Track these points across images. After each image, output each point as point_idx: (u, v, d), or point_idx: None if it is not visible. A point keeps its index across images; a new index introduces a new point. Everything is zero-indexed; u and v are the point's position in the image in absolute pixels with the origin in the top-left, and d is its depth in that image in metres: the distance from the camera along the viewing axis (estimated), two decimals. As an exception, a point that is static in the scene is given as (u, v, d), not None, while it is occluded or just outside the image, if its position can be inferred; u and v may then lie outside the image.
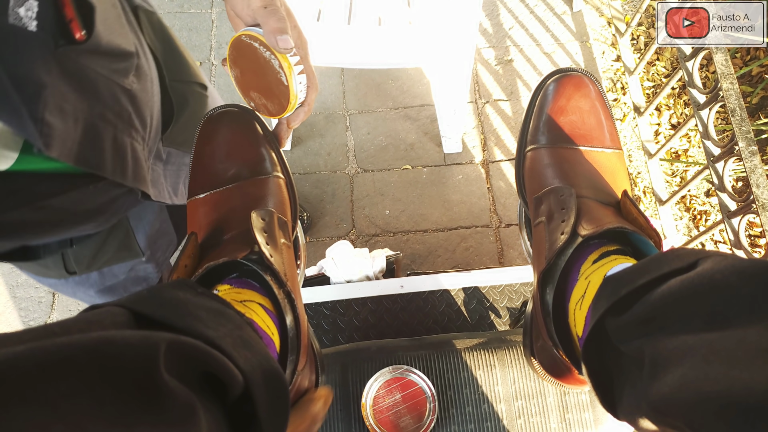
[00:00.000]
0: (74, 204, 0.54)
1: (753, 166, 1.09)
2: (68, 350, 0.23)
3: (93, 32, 0.46)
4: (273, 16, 0.48)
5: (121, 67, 0.52)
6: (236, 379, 0.31)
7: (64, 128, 0.45)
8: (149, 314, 0.31)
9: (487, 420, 0.63)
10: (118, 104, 0.52)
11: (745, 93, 1.72)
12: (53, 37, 0.42)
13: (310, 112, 0.55)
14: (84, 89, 0.47)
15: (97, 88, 0.49)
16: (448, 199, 1.70)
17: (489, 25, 1.95)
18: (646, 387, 0.32)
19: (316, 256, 1.54)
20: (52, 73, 0.43)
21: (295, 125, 0.56)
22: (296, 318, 0.45)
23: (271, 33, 0.47)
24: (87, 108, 0.48)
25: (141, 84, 0.56)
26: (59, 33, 0.43)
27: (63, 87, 0.44)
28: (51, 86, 0.42)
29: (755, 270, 0.29)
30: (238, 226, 0.49)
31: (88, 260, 0.66)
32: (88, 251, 0.65)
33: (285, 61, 0.49)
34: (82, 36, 0.45)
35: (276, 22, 0.47)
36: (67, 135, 0.45)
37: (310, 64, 0.53)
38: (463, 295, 0.82)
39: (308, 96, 0.54)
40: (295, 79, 0.50)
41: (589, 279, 0.44)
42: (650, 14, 1.93)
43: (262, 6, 0.48)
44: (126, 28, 0.55)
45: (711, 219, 1.64)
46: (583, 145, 0.53)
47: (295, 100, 0.52)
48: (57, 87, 0.43)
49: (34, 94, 0.41)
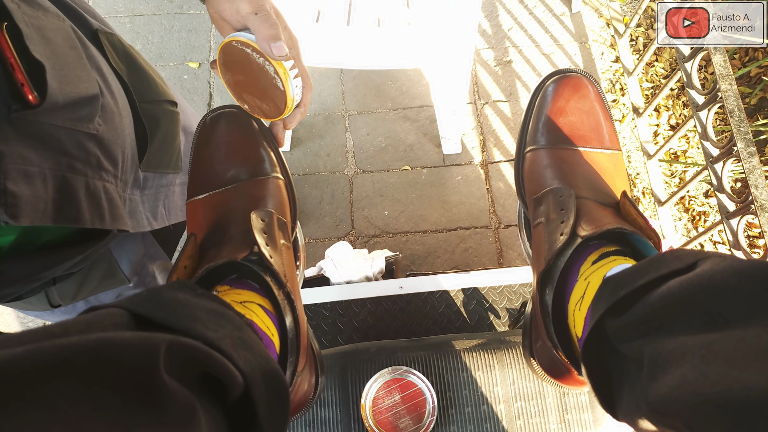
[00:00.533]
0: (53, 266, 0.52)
1: (751, 167, 1.09)
2: (68, 351, 0.23)
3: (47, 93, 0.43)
4: (265, 23, 0.47)
5: (85, 113, 0.49)
6: (236, 380, 0.31)
7: (32, 192, 0.42)
8: (149, 315, 0.31)
9: (486, 421, 0.63)
10: (84, 152, 0.49)
11: (743, 94, 1.72)
12: (5, 103, 0.40)
13: (306, 112, 0.55)
14: (47, 147, 0.44)
15: (60, 143, 0.46)
16: (448, 200, 1.70)
17: (488, 26, 1.96)
18: (645, 388, 0.32)
19: (316, 256, 1.54)
20: (9, 140, 0.40)
21: (291, 126, 0.56)
22: (296, 319, 0.45)
23: (264, 40, 0.47)
24: (53, 164, 0.45)
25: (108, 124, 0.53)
26: (12, 98, 0.41)
27: (23, 150, 0.42)
28: (9, 154, 0.40)
29: (754, 271, 0.29)
30: (238, 227, 0.49)
31: (73, 293, 0.64)
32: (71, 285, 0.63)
33: (281, 68, 0.49)
34: (35, 99, 0.42)
35: (268, 29, 0.47)
36: (37, 198, 0.43)
37: (303, 64, 0.53)
38: (463, 296, 0.82)
39: (304, 97, 0.54)
40: (291, 84, 0.50)
41: (588, 280, 0.44)
42: (649, 15, 1.94)
43: (253, 12, 0.47)
44: (87, 69, 0.51)
45: (710, 220, 1.64)
46: (582, 145, 0.53)
47: (292, 104, 0.52)
48: (16, 152, 0.41)
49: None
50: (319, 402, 0.64)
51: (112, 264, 0.66)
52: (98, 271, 0.65)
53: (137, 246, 0.70)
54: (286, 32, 0.50)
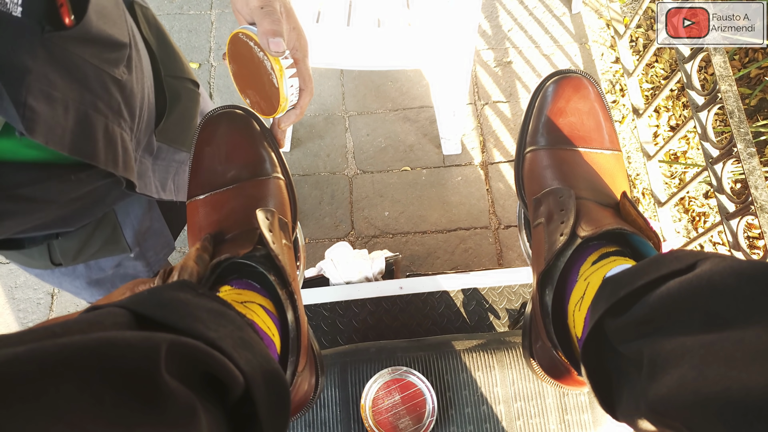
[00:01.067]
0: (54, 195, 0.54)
1: (751, 167, 1.10)
2: (69, 351, 0.23)
3: (83, 19, 0.45)
4: (268, 17, 0.47)
5: (112, 57, 0.52)
6: (237, 380, 0.31)
7: (52, 115, 0.45)
8: (150, 315, 0.32)
9: (486, 421, 0.63)
10: (108, 94, 0.52)
11: (743, 95, 1.72)
12: (39, 23, 0.42)
13: (302, 115, 0.55)
14: (73, 77, 0.47)
15: (86, 77, 0.48)
16: (448, 201, 1.70)
17: (488, 26, 1.96)
18: (645, 388, 0.32)
19: (316, 257, 1.54)
20: (38, 59, 0.43)
21: (285, 127, 0.56)
22: (297, 318, 0.45)
23: (263, 35, 0.47)
24: (78, 97, 0.47)
25: (132, 75, 0.56)
26: (46, 19, 0.43)
27: (50, 73, 0.44)
28: (36, 72, 0.42)
29: (753, 271, 0.29)
30: (239, 227, 0.49)
31: (74, 252, 0.66)
32: (74, 244, 0.65)
33: (276, 64, 0.49)
34: (71, 21, 0.45)
35: (270, 24, 0.47)
36: (56, 122, 0.45)
37: (308, 67, 0.53)
38: (462, 297, 0.82)
39: (301, 99, 0.54)
40: (285, 83, 0.50)
41: (588, 280, 0.44)
42: (649, 16, 1.94)
43: (259, 6, 0.48)
44: (122, 18, 0.55)
45: (710, 221, 1.64)
46: (582, 146, 0.54)
47: (285, 103, 0.52)
48: (43, 73, 0.43)
49: (16, 78, 0.41)
50: (319, 402, 0.64)
51: (116, 230, 0.68)
52: (102, 233, 0.67)
53: (143, 216, 0.72)
54: (294, 33, 0.50)
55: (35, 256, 0.65)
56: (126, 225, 0.69)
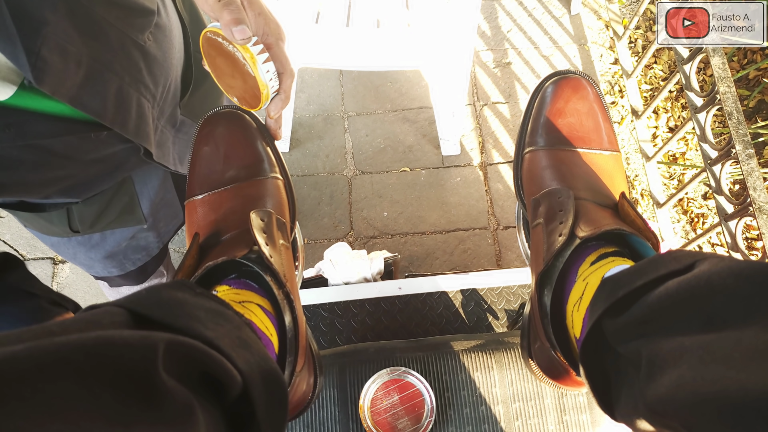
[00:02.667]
0: (74, 151, 0.54)
1: (750, 168, 1.10)
2: (67, 350, 0.23)
3: None
4: (226, 8, 0.47)
5: (137, 22, 0.53)
6: (235, 379, 0.31)
7: (63, 68, 0.45)
8: (148, 314, 0.31)
9: (484, 422, 0.63)
10: (128, 58, 0.53)
11: (742, 96, 1.73)
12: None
13: (288, 99, 0.54)
14: (92, 36, 0.48)
15: (107, 38, 0.49)
16: (446, 202, 1.70)
17: (487, 27, 1.96)
18: (643, 388, 0.32)
19: (314, 257, 1.54)
20: (58, 12, 0.44)
21: (275, 114, 0.55)
22: (295, 319, 0.45)
23: (226, 26, 0.47)
24: (94, 54, 0.48)
25: (158, 44, 0.57)
26: None
27: (68, 28, 0.45)
28: (54, 24, 0.43)
29: (752, 272, 0.29)
30: (237, 227, 0.49)
31: (92, 220, 0.67)
32: (92, 210, 0.67)
33: (247, 52, 0.49)
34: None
35: (229, 14, 0.47)
36: (66, 75, 0.46)
37: (282, 50, 0.52)
38: (461, 297, 0.82)
39: (282, 83, 0.53)
40: (260, 69, 0.50)
41: (586, 280, 0.44)
42: (648, 17, 1.94)
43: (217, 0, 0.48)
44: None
45: (708, 222, 1.65)
46: (581, 147, 0.54)
47: (266, 90, 0.51)
48: (61, 27, 0.44)
49: (33, 28, 0.42)
50: (317, 402, 0.64)
51: (134, 199, 0.70)
52: (119, 202, 0.69)
53: (159, 187, 0.73)
54: (261, 17, 0.50)
55: (54, 221, 0.66)
56: (143, 195, 0.71)
